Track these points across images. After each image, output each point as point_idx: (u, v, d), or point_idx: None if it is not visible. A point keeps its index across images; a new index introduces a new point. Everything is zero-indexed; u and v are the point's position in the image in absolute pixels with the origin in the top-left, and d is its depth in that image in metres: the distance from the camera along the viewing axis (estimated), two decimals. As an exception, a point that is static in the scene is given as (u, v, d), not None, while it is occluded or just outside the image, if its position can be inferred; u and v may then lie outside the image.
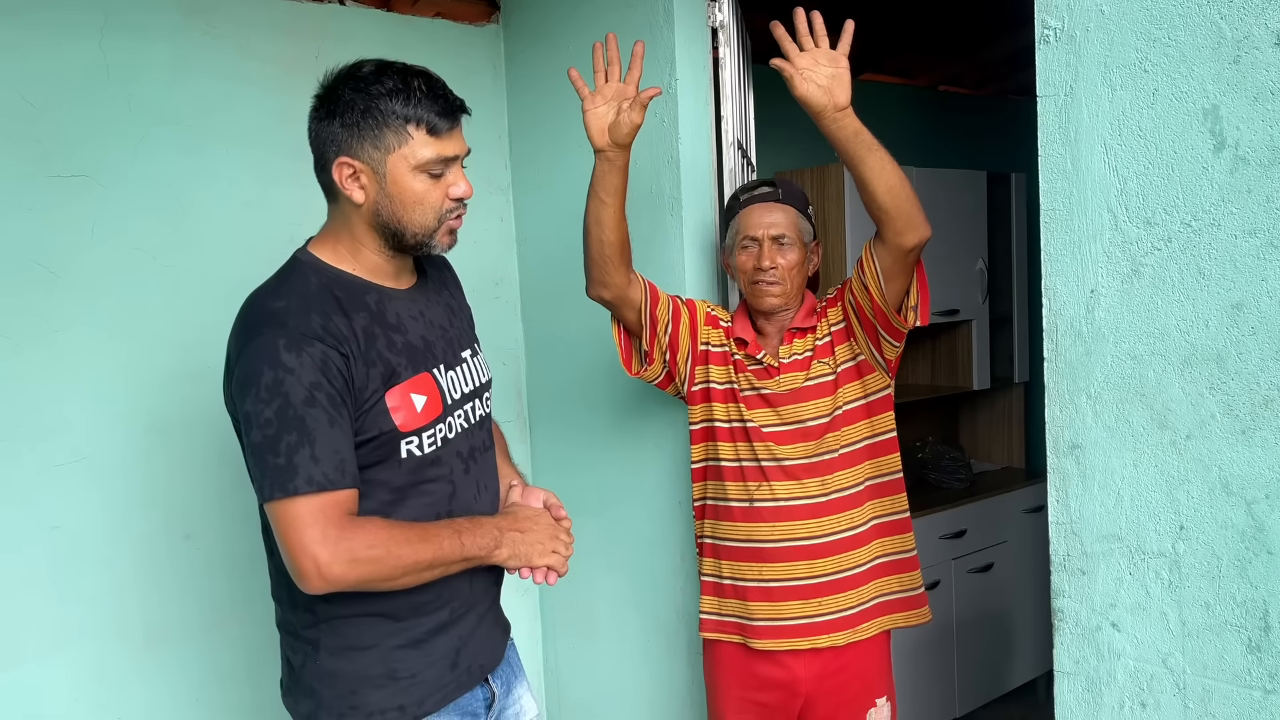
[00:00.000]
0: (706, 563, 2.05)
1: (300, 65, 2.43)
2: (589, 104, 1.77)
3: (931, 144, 4.10)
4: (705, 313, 2.05)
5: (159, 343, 2.24)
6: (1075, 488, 1.40)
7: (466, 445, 1.54)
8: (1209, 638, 1.28)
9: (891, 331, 1.88)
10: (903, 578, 1.99)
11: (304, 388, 1.32)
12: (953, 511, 3.44)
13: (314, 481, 1.31)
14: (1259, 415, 1.21)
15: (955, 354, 3.80)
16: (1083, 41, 1.34)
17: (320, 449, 1.32)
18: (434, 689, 1.49)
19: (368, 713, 1.44)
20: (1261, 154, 1.19)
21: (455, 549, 1.42)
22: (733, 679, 2.01)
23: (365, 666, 1.45)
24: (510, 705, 1.65)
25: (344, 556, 1.31)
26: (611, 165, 1.79)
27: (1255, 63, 1.19)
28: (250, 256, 2.28)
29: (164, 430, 2.25)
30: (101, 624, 2.19)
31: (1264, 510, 1.22)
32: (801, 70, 1.65)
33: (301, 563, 1.31)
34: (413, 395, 1.44)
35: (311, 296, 1.40)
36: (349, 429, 1.37)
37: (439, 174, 1.43)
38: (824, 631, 1.92)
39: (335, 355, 1.35)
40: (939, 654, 3.39)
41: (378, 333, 1.43)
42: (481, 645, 1.57)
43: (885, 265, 1.81)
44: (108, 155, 2.17)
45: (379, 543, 1.34)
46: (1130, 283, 1.32)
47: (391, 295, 1.49)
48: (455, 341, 1.58)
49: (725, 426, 1.99)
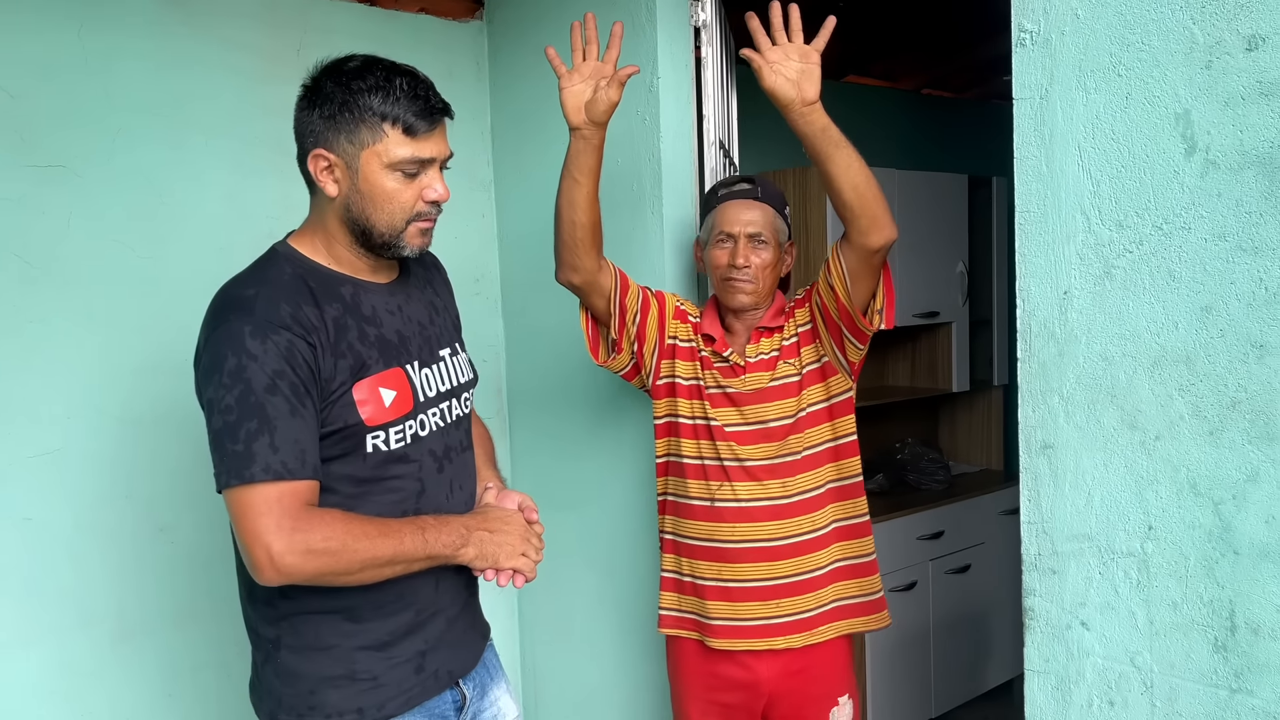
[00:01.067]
0: (667, 559, 2.04)
1: (281, 57, 2.42)
2: (566, 81, 1.77)
3: (914, 147, 4.12)
4: (674, 306, 2.03)
5: (135, 334, 2.23)
6: (1047, 487, 1.41)
7: (441, 444, 1.52)
8: (1176, 637, 1.29)
9: (856, 333, 1.87)
10: (862, 582, 1.98)
11: (267, 375, 1.31)
12: (931, 512, 3.45)
13: (271, 470, 1.29)
14: (1226, 417, 1.22)
15: (935, 356, 3.82)
16: (1058, 45, 1.35)
17: (280, 437, 1.30)
18: (396, 692, 1.46)
19: (326, 714, 1.43)
20: (1231, 158, 1.20)
21: (418, 546, 1.39)
22: (695, 679, 2.01)
23: (325, 666, 1.43)
24: (486, 708, 1.63)
25: (298, 547, 1.29)
26: (587, 144, 1.78)
27: (1226, 68, 1.20)
28: (229, 249, 2.27)
29: (139, 423, 2.24)
30: (73, 617, 2.17)
31: (1230, 511, 1.23)
32: (771, 63, 1.66)
33: (255, 552, 1.30)
34: (381, 389, 1.42)
35: (283, 286, 1.39)
36: (313, 419, 1.35)
37: (413, 174, 1.41)
38: (781, 633, 1.92)
39: (302, 344, 1.34)
40: (916, 655, 3.41)
41: (350, 324, 1.42)
42: (452, 649, 1.55)
43: (851, 266, 1.80)
44: (85, 146, 2.15)
45: (335, 535, 1.32)
46: (1103, 284, 1.33)
47: (368, 288, 1.48)
48: (434, 339, 1.56)
49: (689, 423, 1.98)
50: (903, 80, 4.10)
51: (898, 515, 3.35)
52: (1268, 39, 1.16)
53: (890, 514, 3.33)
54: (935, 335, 3.78)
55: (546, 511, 1.88)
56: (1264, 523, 1.20)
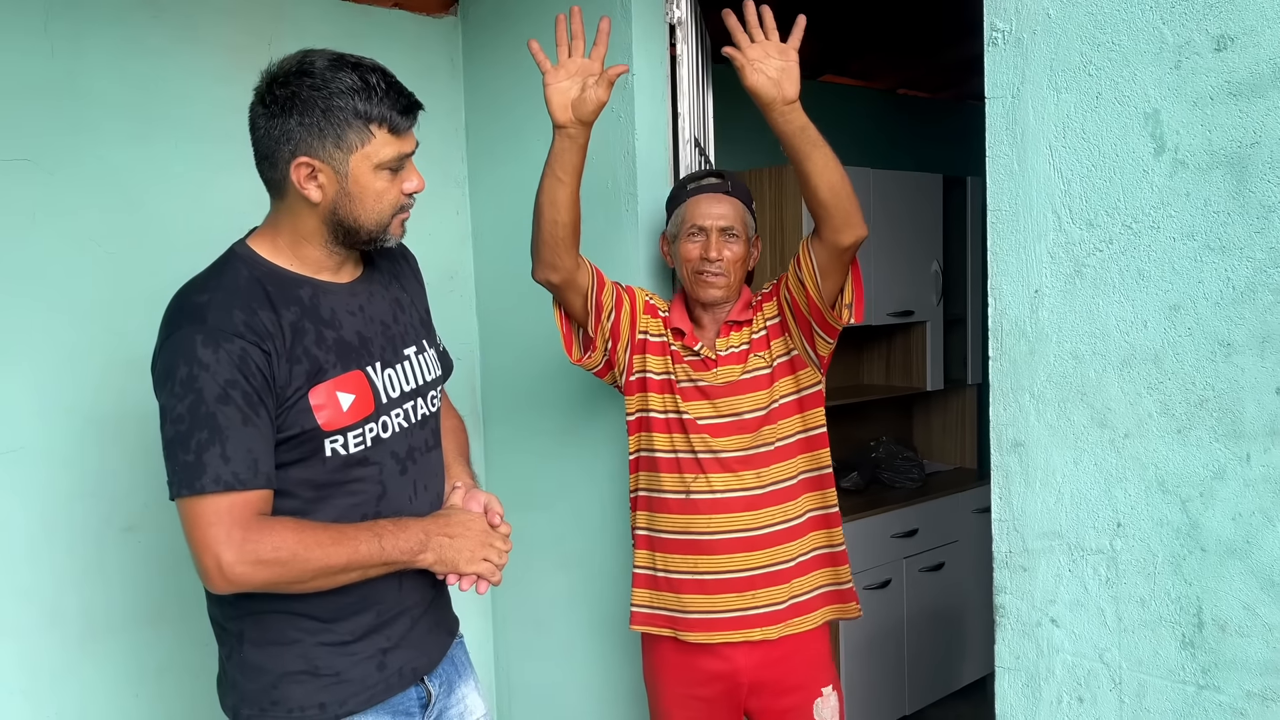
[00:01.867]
0: (640, 555, 2.03)
1: (252, 53, 2.39)
2: (551, 78, 1.72)
3: (890, 146, 4.14)
4: (644, 301, 2.03)
5: (101, 332, 2.19)
6: (1018, 485, 1.42)
7: (404, 445, 1.51)
8: (1144, 633, 1.30)
9: (826, 328, 1.89)
10: (835, 570, 1.99)
11: (219, 385, 1.30)
12: (905, 510, 3.47)
13: (222, 480, 1.30)
14: (1194, 415, 1.23)
15: (909, 355, 3.83)
16: (1029, 44, 1.35)
17: (232, 448, 1.30)
18: (358, 689, 1.46)
19: (288, 708, 1.43)
20: (1200, 158, 1.21)
21: (373, 553, 1.38)
22: (671, 675, 2.01)
23: (287, 662, 1.43)
24: (453, 705, 1.62)
25: (248, 558, 1.30)
26: (572, 142, 1.75)
27: (1195, 68, 1.21)
28: (196, 245, 2.23)
29: (105, 421, 2.21)
30: (38, 617, 2.14)
31: (1198, 508, 1.24)
32: (752, 61, 1.66)
33: (205, 561, 1.30)
34: (339, 393, 1.41)
35: (238, 291, 1.37)
36: (267, 427, 1.34)
37: (398, 170, 1.42)
38: (758, 624, 1.92)
39: (255, 352, 1.33)
40: (889, 652, 3.42)
41: (308, 327, 1.41)
42: (415, 648, 1.54)
43: (822, 262, 1.82)
44: (51, 140, 2.12)
45: (286, 545, 1.32)
46: (1073, 283, 1.33)
47: (328, 289, 1.47)
48: (398, 338, 1.54)
49: (661, 417, 1.98)
50: (879, 80, 4.12)
51: (872, 513, 3.36)
52: (1236, 39, 1.17)
53: (864, 512, 3.34)
54: (910, 334, 3.80)
55: (520, 509, 1.87)
56: (1230, 520, 1.21)
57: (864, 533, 3.31)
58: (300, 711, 1.42)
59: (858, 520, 3.29)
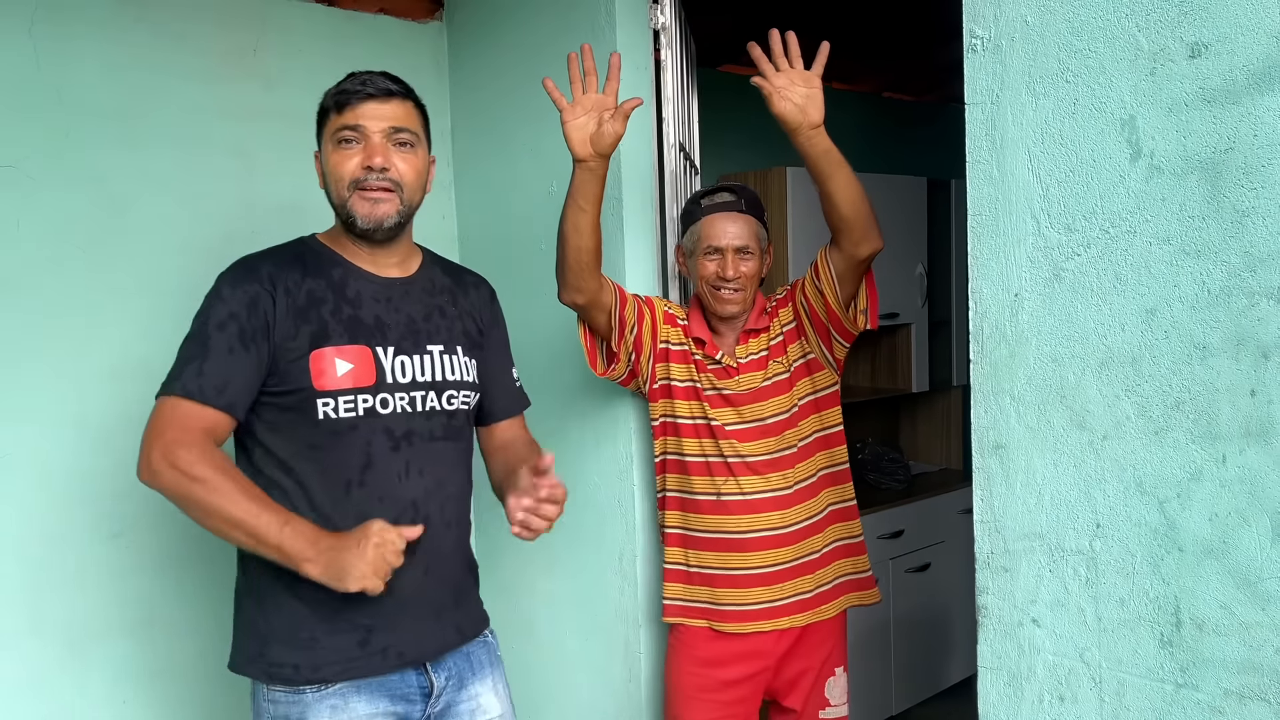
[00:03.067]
0: (673, 551, 2.12)
1: (237, 57, 2.40)
2: (569, 115, 1.79)
3: (874, 149, 4.16)
4: (663, 311, 2.11)
5: (87, 338, 2.19)
6: (999, 487, 1.43)
7: (403, 426, 1.59)
8: (1124, 633, 1.31)
9: (842, 333, 2.00)
10: (855, 560, 2.11)
11: (223, 315, 1.50)
12: (891, 511, 3.49)
13: (187, 390, 1.47)
14: (1170, 417, 1.25)
15: (895, 357, 3.86)
16: (1008, 51, 1.37)
17: (209, 367, 1.47)
18: (335, 658, 1.54)
19: (269, 663, 1.55)
20: (1175, 164, 1.22)
21: (269, 530, 1.43)
22: (700, 661, 2.08)
23: (274, 623, 1.56)
24: (463, 700, 1.68)
25: (169, 458, 1.43)
26: (593, 175, 1.82)
27: (1170, 75, 1.22)
28: (183, 251, 2.25)
29: (91, 427, 2.21)
30: (24, 624, 2.14)
31: (1175, 509, 1.25)
32: (779, 89, 1.75)
33: (141, 452, 1.46)
34: (337, 360, 1.54)
35: (280, 253, 1.60)
36: (250, 364, 1.50)
37: (348, 141, 1.57)
38: (786, 614, 2.03)
39: (266, 299, 1.52)
40: (876, 652, 3.44)
41: (328, 298, 1.57)
42: (406, 633, 1.59)
43: (839, 270, 1.92)
44: (35, 146, 2.12)
45: (204, 468, 1.42)
46: (1052, 287, 1.35)
47: (361, 275, 1.63)
48: (424, 334, 1.65)
49: (689, 423, 2.06)
50: (862, 82, 4.13)
51: (858, 515, 3.38)
52: (1210, 46, 1.19)
53: (851, 514, 3.36)
54: (895, 336, 3.82)
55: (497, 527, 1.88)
56: (1207, 520, 1.23)
57: (850, 534, 3.32)
58: (278, 668, 1.54)
59: (844, 522, 3.31)
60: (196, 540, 2.36)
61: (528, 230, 2.52)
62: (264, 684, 1.56)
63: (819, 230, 1.91)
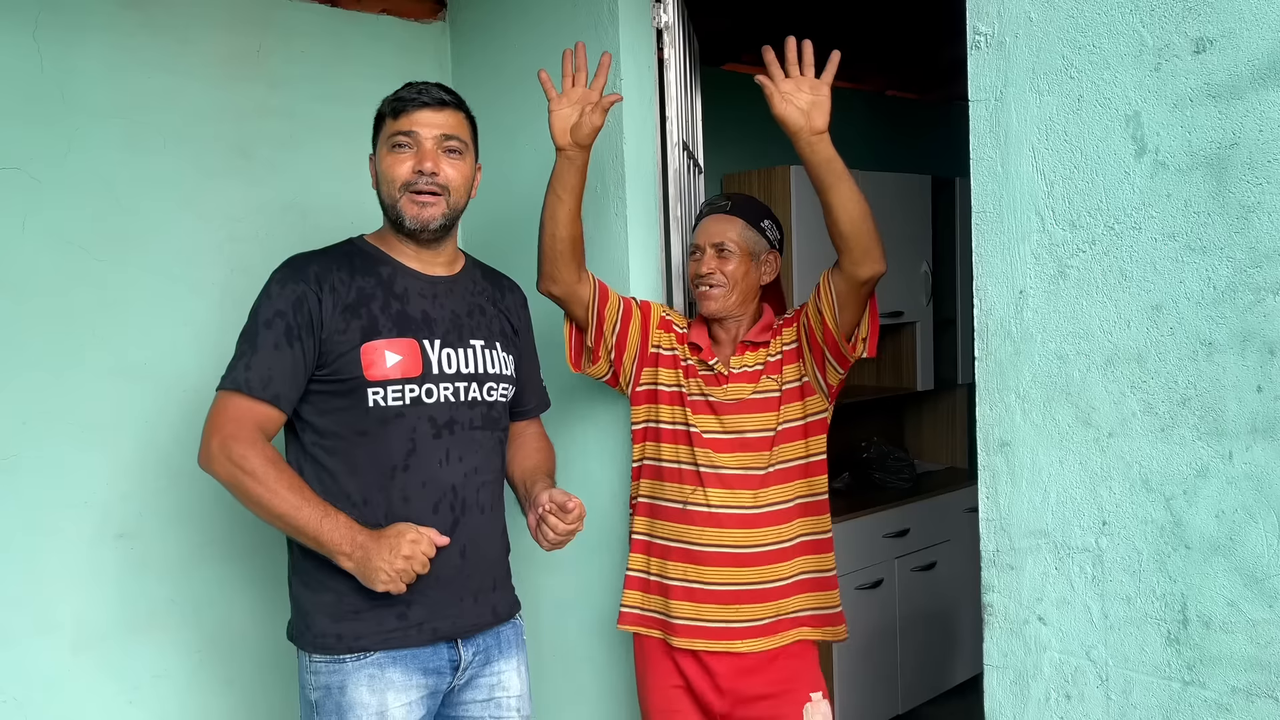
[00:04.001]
0: (636, 558, 2.09)
1: (241, 59, 2.40)
2: (555, 105, 1.87)
3: (879, 148, 4.15)
4: (660, 316, 2.10)
5: (92, 339, 2.20)
6: (1004, 485, 1.43)
7: (445, 415, 1.70)
8: (1130, 630, 1.31)
9: (839, 359, 1.94)
10: (820, 595, 2.02)
11: (271, 312, 1.62)
12: (896, 511, 3.48)
13: (236, 383, 1.60)
14: (1177, 413, 1.24)
15: (900, 356, 3.85)
16: (1012, 48, 1.36)
17: (256, 362, 1.60)
18: (374, 628, 1.65)
19: (316, 633, 1.66)
20: (1180, 159, 1.22)
21: (310, 523, 1.57)
22: (658, 672, 2.05)
23: (320, 596, 1.67)
24: (486, 676, 1.77)
25: (224, 450, 1.57)
26: (571, 163, 1.88)
27: (1175, 70, 1.22)
28: (186, 252, 2.25)
29: (96, 428, 2.21)
30: (28, 626, 2.14)
31: (1181, 506, 1.25)
32: (783, 92, 1.74)
33: (202, 439, 1.60)
34: (387, 351, 1.65)
35: (329, 253, 1.71)
36: (296, 360, 1.61)
37: (401, 146, 1.68)
38: (739, 637, 1.97)
39: (312, 298, 1.62)
40: (882, 652, 3.43)
41: (377, 295, 1.68)
42: (441, 610, 1.69)
43: (840, 293, 1.88)
44: (40, 148, 2.13)
45: (255, 462, 1.56)
46: (1057, 284, 1.35)
47: (408, 273, 1.74)
48: (467, 329, 1.76)
49: (669, 429, 2.03)
50: (867, 81, 4.13)
51: (863, 514, 3.38)
52: (1215, 41, 1.18)
53: (856, 512, 3.36)
54: (900, 335, 3.82)
55: (513, 512, 1.88)
56: (1214, 517, 1.22)
57: (856, 533, 3.32)
58: (323, 638, 1.66)
59: (850, 520, 3.31)
60: (201, 541, 2.37)
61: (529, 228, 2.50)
62: (309, 654, 1.67)
63: (823, 230, 1.89)
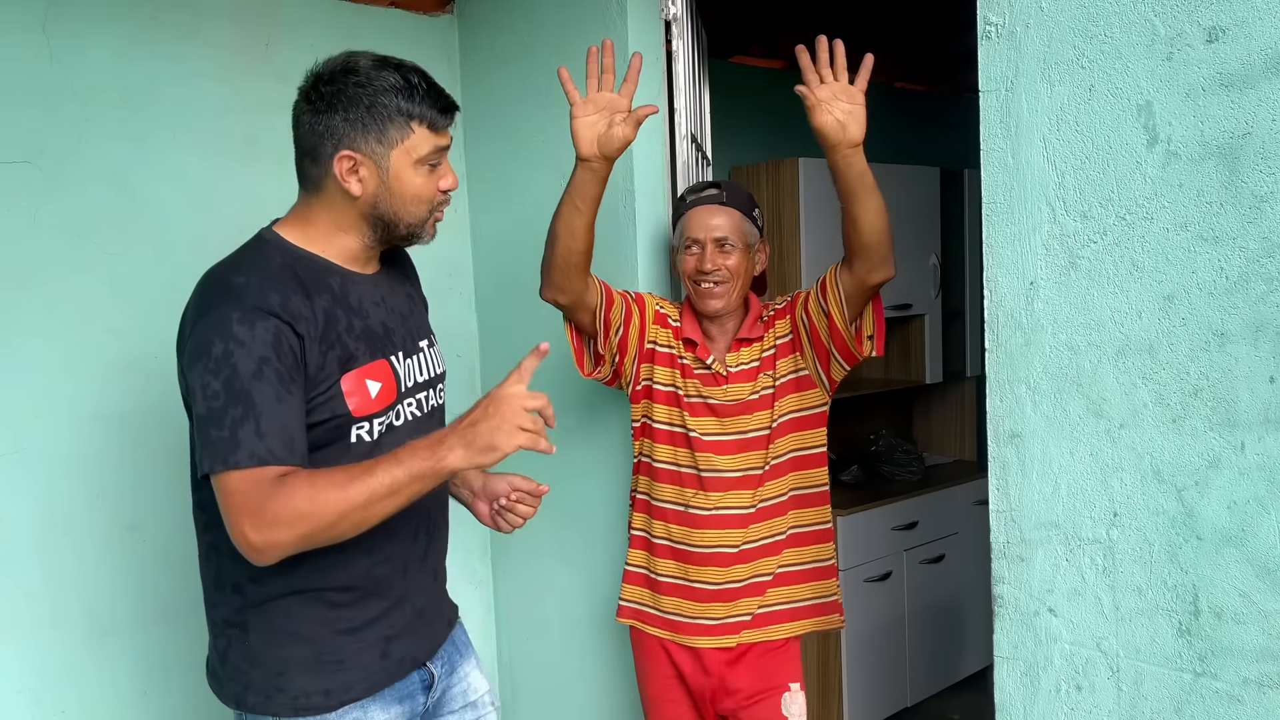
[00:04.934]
0: (636, 554, 2.08)
1: (250, 51, 2.40)
2: (579, 110, 1.72)
3: (887, 140, 4.12)
4: (654, 310, 2.04)
5: (103, 331, 2.20)
6: (1015, 476, 1.42)
7: (416, 434, 1.51)
8: (1141, 622, 1.31)
9: (846, 356, 1.92)
10: (817, 585, 2.02)
11: (254, 361, 1.31)
12: (905, 503, 3.48)
13: (256, 456, 1.29)
14: (1188, 404, 1.24)
15: (908, 348, 3.84)
16: (1023, 37, 1.36)
17: (266, 423, 1.30)
18: (361, 675, 1.49)
19: (294, 695, 1.45)
20: (1192, 149, 1.21)
21: (395, 475, 1.31)
22: (655, 665, 2.06)
23: (293, 650, 1.45)
24: (456, 684, 1.67)
25: (267, 522, 1.27)
26: (595, 176, 1.75)
27: (1187, 60, 1.21)
28: (197, 244, 2.25)
29: (108, 420, 2.22)
30: (43, 617, 2.15)
31: (1193, 497, 1.25)
32: (823, 101, 1.68)
33: (236, 537, 1.30)
34: (368, 381, 1.44)
35: (273, 274, 1.39)
36: (299, 406, 1.35)
37: (435, 165, 1.47)
38: (730, 632, 1.98)
39: (289, 333, 1.35)
40: (891, 644, 3.43)
41: (339, 315, 1.43)
42: (416, 637, 1.58)
43: (849, 292, 1.85)
44: (50, 141, 2.13)
45: (299, 495, 1.28)
46: (1068, 275, 1.34)
47: (355, 279, 1.50)
48: (414, 330, 1.59)
49: (665, 429, 2.00)
50: (875, 74, 4.10)
51: (872, 506, 3.37)
52: (1227, 30, 1.18)
53: (864, 505, 3.35)
54: (909, 327, 3.81)
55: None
56: (1226, 508, 1.22)
57: (864, 526, 3.32)
58: (305, 698, 1.45)
59: (858, 513, 3.31)
60: (213, 533, 2.37)
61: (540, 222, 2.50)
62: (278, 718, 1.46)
63: (832, 222, 1.88)
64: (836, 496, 3.43)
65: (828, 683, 3.30)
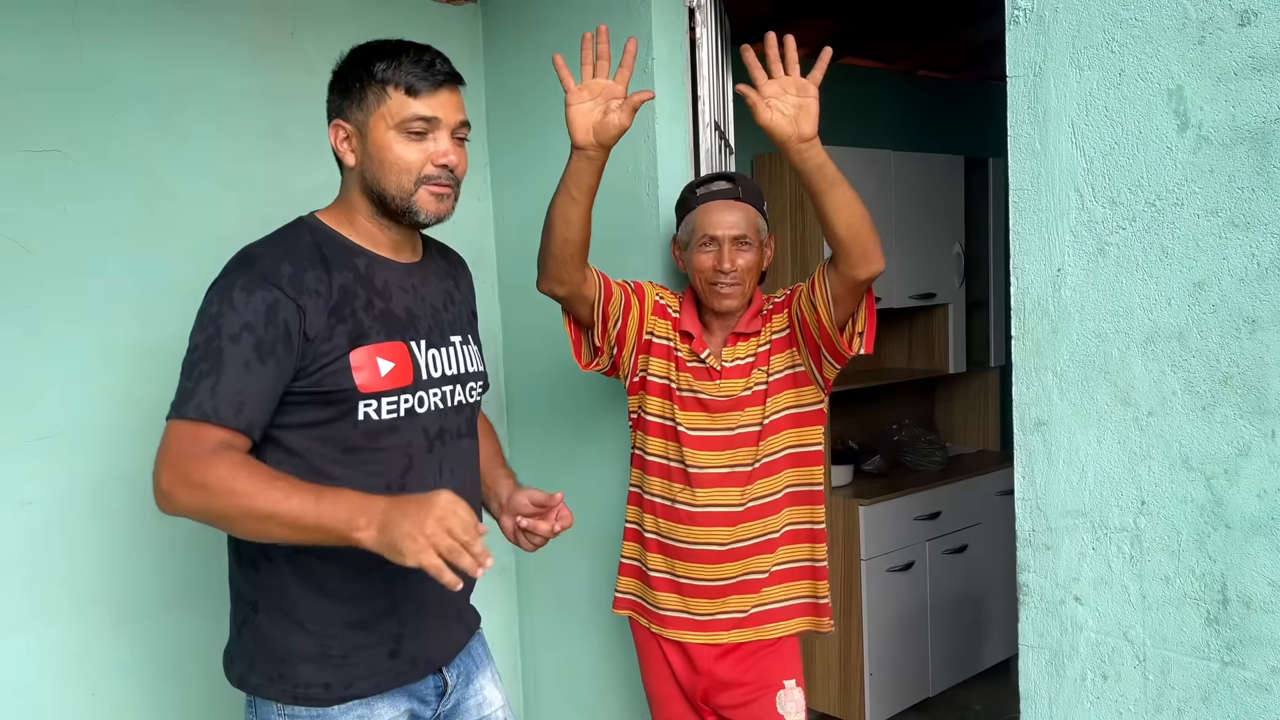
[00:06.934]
0: (629, 547, 2.09)
1: (275, 43, 2.41)
2: (574, 97, 1.67)
3: (910, 128, 4.12)
4: (654, 300, 2.01)
5: (133, 319, 2.23)
6: (1041, 464, 1.42)
7: (436, 425, 1.53)
8: (1168, 610, 1.30)
9: (834, 354, 1.87)
10: (811, 584, 2.00)
11: (237, 325, 1.35)
12: (928, 493, 3.47)
13: (201, 410, 1.32)
14: (1218, 392, 1.23)
15: (931, 337, 3.83)
16: (1051, 22, 1.35)
17: (224, 385, 1.33)
18: (365, 673, 1.48)
19: (294, 683, 1.46)
20: (1224, 134, 1.20)
21: (304, 510, 1.27)
22: (650, 654, 2.07)
23: (297, 637, 1.46)
24: (470, 696, 1.66)
25: (178, 477, 1.29)
26: (590, 164, 1.70)
27: (1219, 43, 1.20)
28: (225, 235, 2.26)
29: (136, 406, 2.24)
30: (72, 600, 2.18)
31: (1222, 485, 1.24)
32: (767, 98, 1.60)
33: (153, 478, 1.32)
34: (379, 359, 1.45)
35: (294, 249, 1.44)
36: (270, 379, 1.36)
37: (418, 133, 1.45)
38: (721, 629, 1.96)
39: (288, 305, 1.37)
40: (913, 634, 3.43)
41: (359, 293, 1.46)
42: (432, 639, 1.57)
43: (835, 290, 1.79)
44: (80, 131, 2.15)
45: (216, 473, 1.27)
46: (1096, 261, 1.33)
47: (385, 264, 1.52)
48: (446, 324, 1.59)
49: (657, 422, 1.99)
50: (899, 61, 4.09)
51: (895, 496, 3.37)
52: (1260, 14, 1.16)
53: (887, 495, 3.35)
54: (932, 316, 3.79)
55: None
56: (1255, 496, 1.21)
57: (887, 515, 3.31)
58: (305, 689, 1.45)
59: (880, 503, 3.30)
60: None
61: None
62: (279, 704, 1.46)
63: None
64: (859, 486, 3.45)
65: (849, 672, 3.30)
